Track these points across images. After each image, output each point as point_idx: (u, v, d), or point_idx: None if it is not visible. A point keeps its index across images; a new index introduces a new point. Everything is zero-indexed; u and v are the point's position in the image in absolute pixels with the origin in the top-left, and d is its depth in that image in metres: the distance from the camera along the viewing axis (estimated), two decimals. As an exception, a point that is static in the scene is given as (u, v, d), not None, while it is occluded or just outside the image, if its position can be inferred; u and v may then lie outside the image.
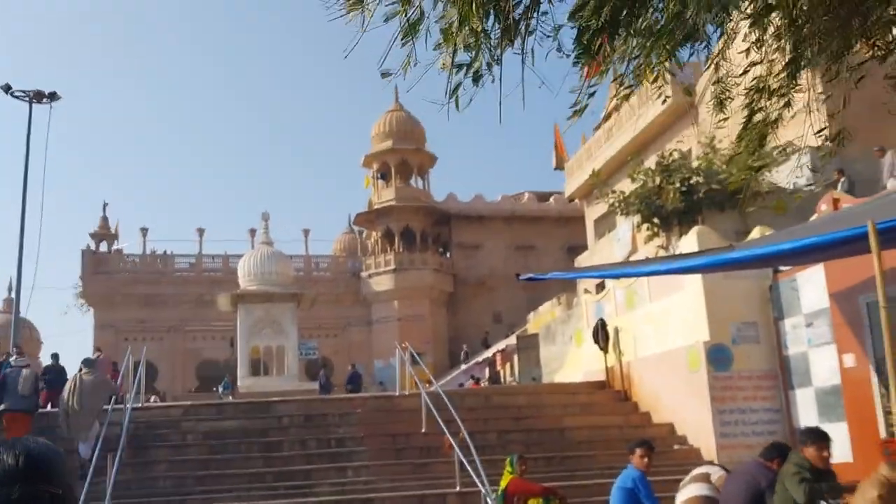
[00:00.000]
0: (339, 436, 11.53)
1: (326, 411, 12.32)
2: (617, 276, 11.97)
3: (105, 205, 39.27)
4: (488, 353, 30.78)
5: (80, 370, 11.37)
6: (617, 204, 17.67)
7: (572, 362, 16.86)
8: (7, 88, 22.56)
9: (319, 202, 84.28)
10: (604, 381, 14.37)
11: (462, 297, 41.10)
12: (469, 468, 9.47)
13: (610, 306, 14.93)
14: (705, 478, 5.99)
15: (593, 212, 32.27)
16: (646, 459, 6.36)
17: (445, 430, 10.24)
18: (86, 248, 37.63)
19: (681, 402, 12.23)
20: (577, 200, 41.54)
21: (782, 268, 11.44)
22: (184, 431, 11.48)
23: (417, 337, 36.49)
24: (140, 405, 12.45)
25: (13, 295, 21.73)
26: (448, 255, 41.80)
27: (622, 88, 4.48)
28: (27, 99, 22.65)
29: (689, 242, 12.29)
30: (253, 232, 35.66)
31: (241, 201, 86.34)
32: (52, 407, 13.21)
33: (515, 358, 27.95)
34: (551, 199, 42.99)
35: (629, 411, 13.24)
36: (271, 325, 25.81)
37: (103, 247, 38.49)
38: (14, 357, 12.44)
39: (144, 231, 39.00)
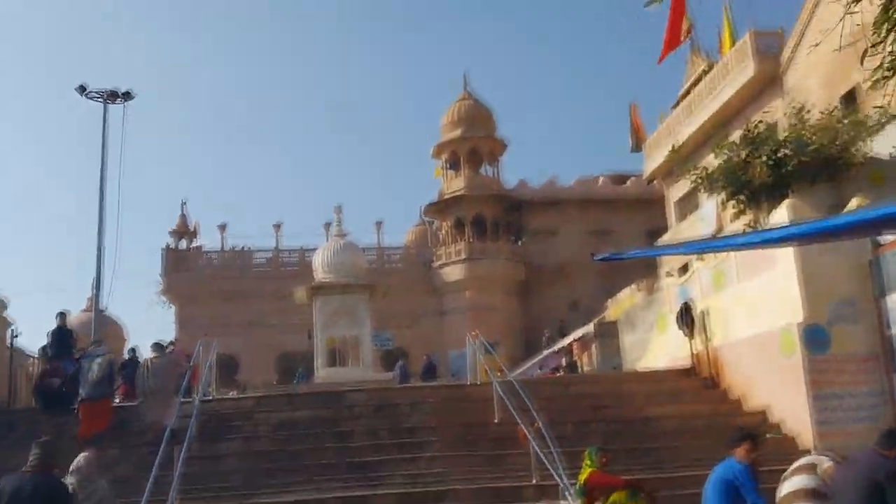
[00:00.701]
0: (410, 425, 11.17)
1: (398, 401, 11.98)
2: (702, 251, 11.20)
3: (184, 203, 40.15)
4: (565, 342, 30.01)
5: (151, 356, 12.15)
6: (700, 181, 16.75)
7: (655, 349, 16.09)
8: (83, 90, 22.99)
9: (392, 194, 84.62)
10: (690, 368, 13.59)
11: (536, 286, 40.35)
12: (546, 460, 8.95)
13: (695, 289, 14.13)
14: (811, 469, 5.31)
15: (674, 192, 31.10)
16: (752, 454, 5.74)
17: (519, 420, 9.72)
18: (166, 245, 38.46)
19: (774, 387, 11.41)
20: (656, 182, 40.37)
21: (883, 241, 10.53)
22: (255, 423, 11.31)
23: (490, 327, 35.97)
24: (212, 397, 12.35)
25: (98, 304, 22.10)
26: (521, 242, 41.10)
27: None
28: (101, 99, 23.05)
29: (780, 217, 11.44)
30: (328, 226, 35.75)
31: (315, 195, 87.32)
32: (129, 400, 13.33)
33: (594, 346, 27.16)
34: (629, 182, 41.79)
35: (718, 399, 12.46)
36: (346, 316, 25.77)
37: (183, 244, 39.25)
38: (91, 346, 12.70)
39: (222, 227, 39.71)
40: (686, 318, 13.80)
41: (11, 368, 11.94)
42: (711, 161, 17.41)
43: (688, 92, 29.46)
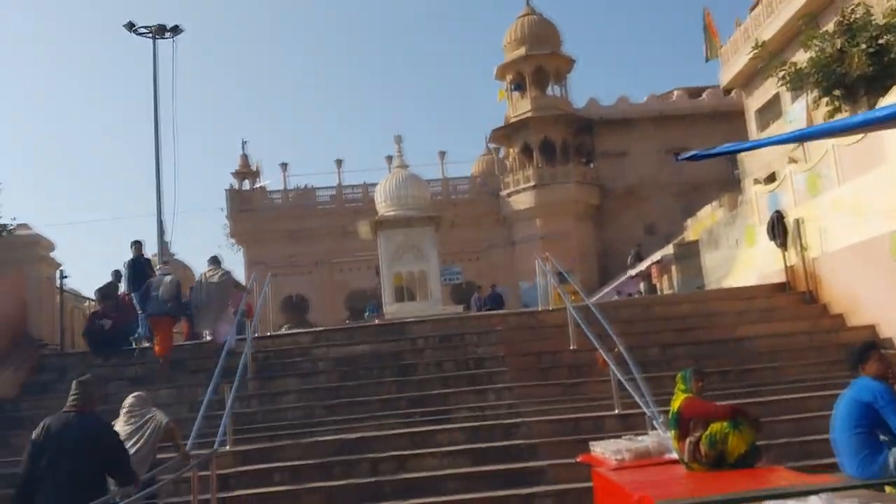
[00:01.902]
0: (477, 356, 10.34)
1: (463, 331, 11.14)
2: (800, 139, 9.84)
3: (244, 143, 39.70)
4: (642, 266, 28.70)
5: (206, 269, 11.68)
6: (788, 78, 15.10)
7: (743, 265, 14.80)
8: (131, 26, 22.48)
9: (455, 125, 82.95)
10: (784, 283, 12.36)
11: (610, 210, 38.83)
12: (629, 387, 8.00)
13: (787, 196, 12.75)
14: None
15: (754, 101, 29.02)
16: (886, 368, 4.65)
17: (597, 344, 8.76)
18: (230, 187, 38.28)
19: (884, 299, 10.10)
20: (734, 93, 37.98)
21: None
22: (314, 359, 10.66)
23: (563, 254, 34.66)
24: (269, 334, 11.76)
25: (162, 235, 21.91)
26: (592, 165, 39.45)
27: None
28: (150, 35, 22.51)
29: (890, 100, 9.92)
30: (390, 159, 34.86)
31: (376, 129, 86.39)
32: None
33: (673, 269, 25.84)
34: (704, 95, 39.46)
35: (818, 315, 11.24)
36: (412, 251, 25.03)
37: (246, 185, 39.03)
38: (159, 267, 12.61)
39: (284, 166, 39.26)
40: (778, 228, 12.50)
41: (63, 311, 11.55)
42: (801, 58, 15.72)
43: (762, -3, 27.19)
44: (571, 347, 10.17)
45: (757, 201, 13.93)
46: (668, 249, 26.39)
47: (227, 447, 7.91)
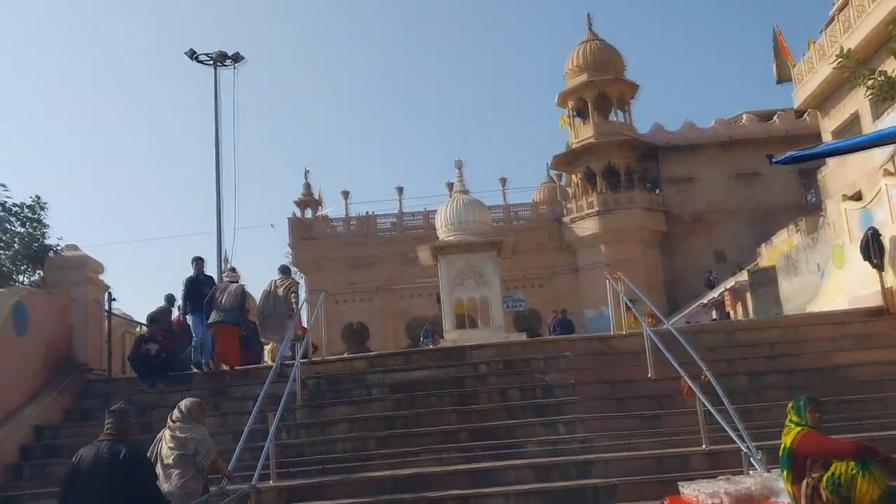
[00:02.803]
0: (545, 384, 9.49)
1: (529, 356, 10.32)
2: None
3: (307, 172, 39.91)
4: (715, 294, 27.40)
5: (276, 278, 11.47)
6: (877, 88, 13.97)
7: (831, 288, 13.63)
8: (192, 54, 22.52)
9: (516, 151, 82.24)
10: (882, 307, 11.21)
11: (677, 236, 37.50)
12: (720, 419, 7.07)
13: (883, 212, 11.63)
14: None
15: (831, 121, 27.61)
16: None
17: (682, 371, 7.85)
18: (292, 215, 38.30)
19: None
20: (807, 116, 36.45)
21: None
22: (368, 385, 9.96)
23: (616, 288, 33.62)
24: (320, 359, 11.13)
25: (222, 261, 21.67)
26: (658, 191, 38.23)
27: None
28: (211, 63, 22.50)
29: None
30: (450, 186, 34.35)
31: (436, 156, 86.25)
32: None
33: (748, 296, 24.55)
34: (775, 118, 38.00)
35: (925, 341, 10.08)
36: (473, 276, 24.28)
37: (308, 213, 39.02)
38: (227, 273, 12.31)
39: (346, 194, 39.12)
40: (873, 247, 11.37)
41: (110, 335, 11.13)
42: (890, 67, 14.60)
43: (839, 11, 25.97)
44: (650, 376, 9.27)
45: (847, 218, 12.80)
46: (743, 276, 25.12)
47: (271, 482, 7.24)
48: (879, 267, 11.31)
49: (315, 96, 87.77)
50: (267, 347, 16.05)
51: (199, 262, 11.93)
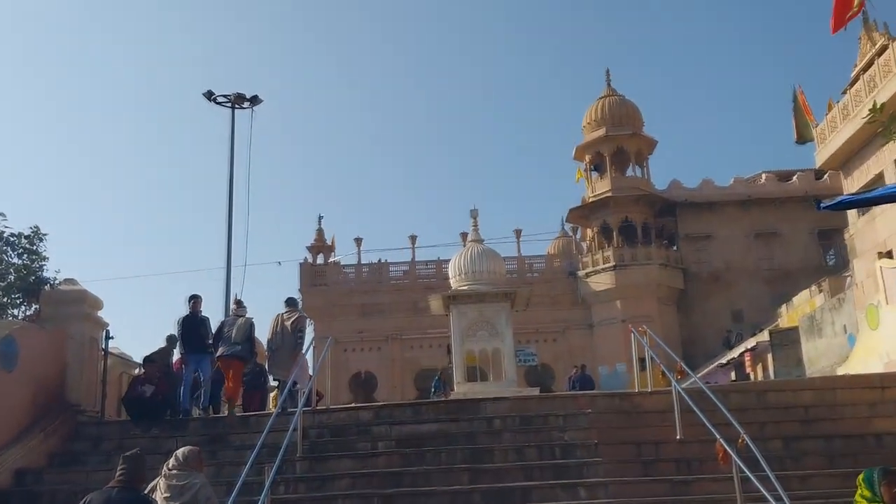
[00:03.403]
0: (564, 443, 8.83)
1: (547, 412, 9.67)
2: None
3: (320, 217, 39.65)
4: (734, 354, 26.61)
5: (283, 311, 11.21)
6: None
7: (864, 350, 12.98)
8: (209, 95, 22.40)
9: (530, 203, 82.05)
10: (923, 371, 10.55)
11: (694, 295, 36.79)
12: (761, 487, 6.41)
13: (923, 270, 11.06)
14: None
15: (853, 182, 27.14)
16: None
17: (717, 434, 7.20)
18: (304, 260, 37.92)
19: None
20: (826, 176, 35.97)
21: None
22: (374, 438, 9.32)
23: (637, 344, 32.85)
24: (323, 407, 10.52)
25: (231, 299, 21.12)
26: (675, 248, 37.68)
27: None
28: (229, 104, 22.35)
29: None
30: (464, 236, 33.97)
31: (450, 206, 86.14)
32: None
33: (769, 357, 23.76)
34: (794, 178, 37.58)
35: (974, 410, 9.38)
36: (485, 327, 23.65)
37: (320, 259, 38.65)
38: (234, 308, 11.87)
39: (358, 241, 38.76)
40: (915, 307, 10.77)
41: (105, 375, 10.57)
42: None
43: (862, 72, 25.76)
44: (678, 437, 8.61)
45: (882, 278, 12.19)
46: (764, 336, 24.37)
47: (264, 541, 6.60)
48: (920, 329, 10.70)
49: (331, 141, 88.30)
50: (272, 395, 15.46)
51: (195, 300, 11.15)
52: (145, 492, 5.77)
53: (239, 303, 12.07)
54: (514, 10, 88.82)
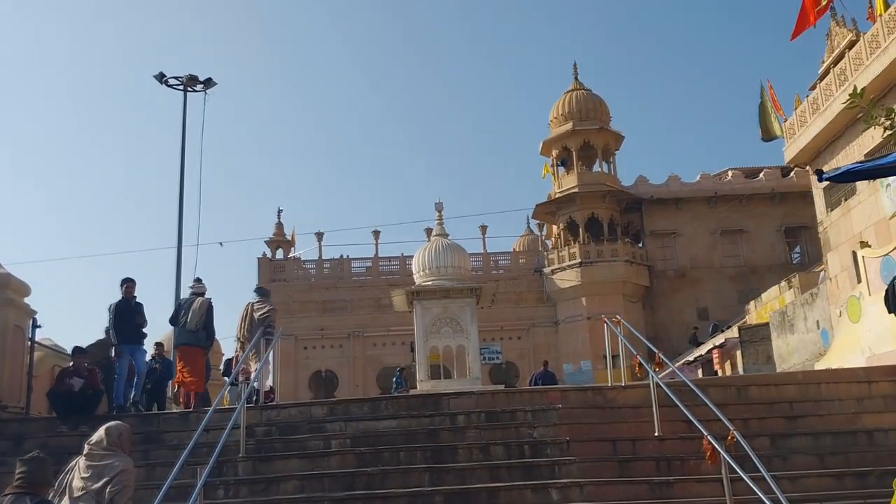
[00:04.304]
0: (534, 440, 8.11)
1: (515, 407, 8.94)
2: None
3: (280, 211, 38.54)
4: (702, 351, 26.19)
5: (254, 301, 10.78)
6: (894, 129, 12.94)
7: (845, 344, 12.46)
8: (161, 77, 21.37)
9: (495, 200, 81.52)
10: (910, 365, 10.02)
11: (660, 292, 36.44)
12: (756, 489, 5.75)
13: (909, 258, 10.54)
14: None
15: (822, 178, 26.86)
16: None
17: (705, 430, 6.53)
18: (262, 255, 36.81)
19: None
20: (793, 174, 35.84)
21: None
22: (327, 436, 8.51)
23: (610, 337, 32.36)
24: (272, 403, 9.69)
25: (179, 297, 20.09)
26: (641, 244, 37.30)
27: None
28: (181, 87, 21.33)
29: None
30: (429, 231, 33.23)
31: (415, 201, 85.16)
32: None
33: (738, 354, 23.36)
34: (761, 175, 37.41)
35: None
36: (450, 324, 22.94)
37: (280, 253, 37.55)
38: (192, 284, 11.18)
39: (320, 236, 37.72)
40: (900, 297, 10.22)
41: (31, 367, 9.61)
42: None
43: (833, 64, 25.52)
44: (656, 434, 7.94)
45: (865, 269, 11.67)
46: (733, 332, 23.97)
47: (194, 554, 5.76)
48: (905, 320, 10.16)
49: (293, 133, 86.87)
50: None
51: (129, 284, 10.20)
52: (62, 473, 4.92)
53: (198, 280, 11.36)
54: (481, 2, 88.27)
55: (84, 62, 79.80)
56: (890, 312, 10.34)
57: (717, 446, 6.23)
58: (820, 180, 6.46)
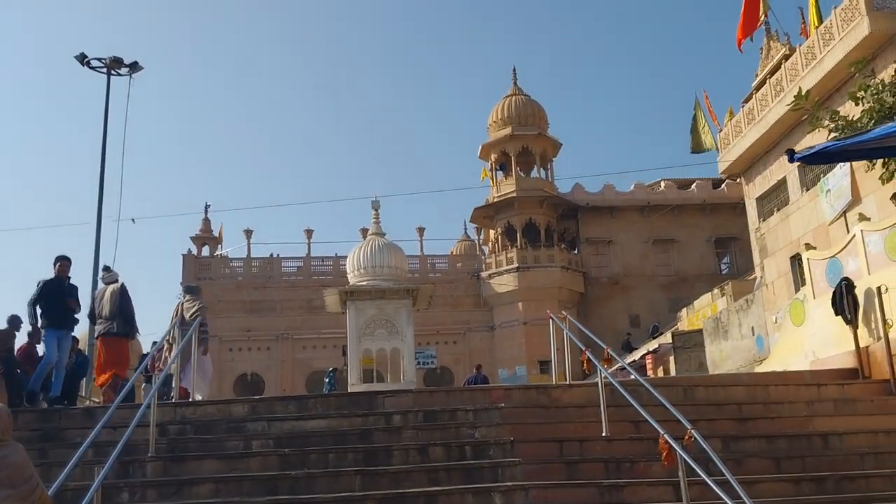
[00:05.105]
0: (475, 441, 7.51)
1: (455, 406, 8.33)
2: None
3: (207, 206, 37.08)
4: (635, 356, 26.11)
5: (183, 299, 10.39)
6: (841, 130, 12.90)
7: (786, 348, 12.25)
8: (83, 58, 20.19)
9: (433, 203, 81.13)
10: (854, 369, 9.80)
11: (594, 299, 36.47)
12: (722, 493, 5.30)
13: (856, 261, 10.34)
14: None
15: (756, 188, 27.16)
16: None
17: (661, 429, 6.05)
18: (187, 252, 35.40)
19: None
20: (724, 186, 36.32)
21: None
22: (248, 435, 7.75)
23: (545, 343, 32.14)
24: (188, 400, 8.87)
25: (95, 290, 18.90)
26: (576, 251, 37.29)
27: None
28: (104, 70, 20.19)
29: None
30: (364, 232, 32.44)
31: (351, 201, 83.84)
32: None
33: (671, 360, 23.32)
34: (693, 187, 37.84)
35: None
36: (385, 326, 22.16)
37: (206, 251, 36.19)
38: (102, 275, 10.80)
39: (248, 233, 36.53)
40: (847, 300, 10.01)
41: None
42: (848, 111, 13.68)
43: (764, 81, 25.89)
44: (604, 434, 7.44)
45: (810, 271, 11.47)
46: (667, 338, 23.95)
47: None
48: (852, 324, 9.94)
49: (223, 126, 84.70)
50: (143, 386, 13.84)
51: (63, 262, 9.43)
52: None
53: (107, 268, 10.71)
54: (423, 2, 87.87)
55: None
56: (837, 315, 10.15)
57: (675, 446, 5.74)
58: (791, 160, 6.06)
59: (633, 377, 8.22)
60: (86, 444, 5.58)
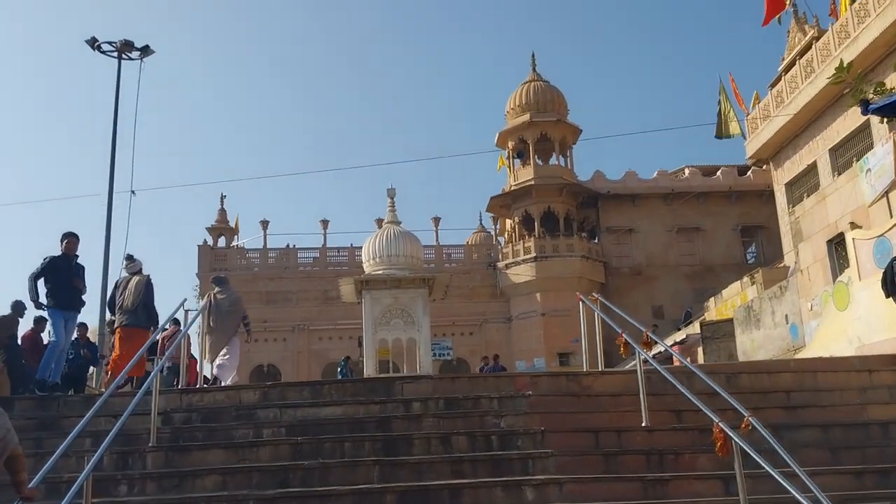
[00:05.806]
0: (501, 431, 6.92)
1: (478, 393, 7.73)
2: None
3: (223, 197, 36.68)
4: (661, 348, 25.32)
5: (214, 290, 10.24)
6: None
7: (829, 334, 11.56)
8: (93, 42, 19.71)
9: (449, 192, 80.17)
10: (910, 353, 9.12)
11: (615, 289, 35.62)
12: (791, 487, 4.67)
13: (908, 239, 9.65)
14: None
15: (785, 173, 26.40)
16: None
17: (715, 417, 5.43)
18: (203, 243, 35.00)
19: None
20: (750, 173, 35.45)
21: None
22: (258, 424, 7.20)
23: (564, 334, 31.53)
24: (196, 387, 8.34)
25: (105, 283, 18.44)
26: (597, 240, 36.53)
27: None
28: (114, 54, 19.70)
29: None
30: (380, 222, 31.89)
31: (366, 191, 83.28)
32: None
33: (700, 351, 22.58)
34: (718, 174, 36.97)
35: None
36: (401, 316, 21.52)
37: (222, 242, 35.79)
38: (125, 264, 10.44)
39: (265, 224, 36.08)
40: (897, 281, 9.32)
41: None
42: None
43: (792, 63, 25.05)
44: (644, 424, 6.82)
45: (855, 251, 10.76)
46: (695, 328, 23.21)
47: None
48: (904, 306, 9.25)
49: (239, 117, 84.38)
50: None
51: (71, 239, 8.99)
52: None
53: (129, 257, 10.28)
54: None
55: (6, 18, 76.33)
56: (888, 297, 9.45)
57: (731, 434, 5.13)
58: (865, 112, 5.44)
59: (678, 363, 7.58)
60: (75, 431, 5.10)
